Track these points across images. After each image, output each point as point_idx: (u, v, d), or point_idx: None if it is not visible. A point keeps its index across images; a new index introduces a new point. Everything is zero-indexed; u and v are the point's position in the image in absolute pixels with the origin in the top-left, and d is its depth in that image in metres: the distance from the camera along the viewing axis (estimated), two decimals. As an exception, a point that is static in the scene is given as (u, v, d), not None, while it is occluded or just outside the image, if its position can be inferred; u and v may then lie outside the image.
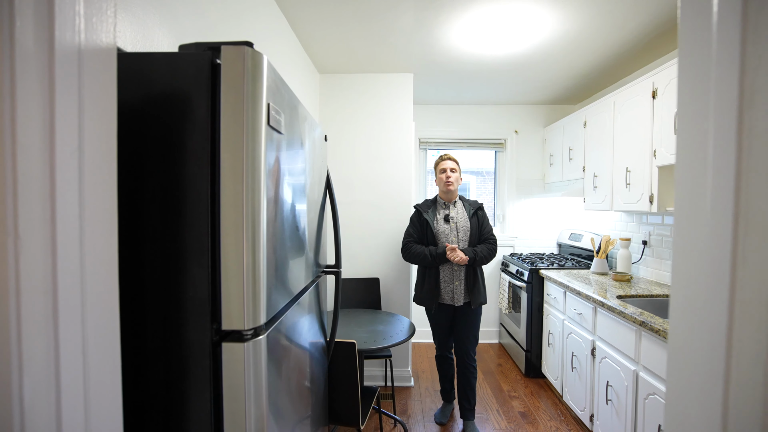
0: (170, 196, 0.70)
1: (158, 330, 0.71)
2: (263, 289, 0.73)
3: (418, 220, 2.40)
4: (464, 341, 2.37)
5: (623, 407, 1.91)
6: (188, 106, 0.70)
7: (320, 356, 1.41)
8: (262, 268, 0.72)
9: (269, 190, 0.76)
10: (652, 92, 2.16)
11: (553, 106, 3.85)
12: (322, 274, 1.45)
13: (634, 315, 1.80)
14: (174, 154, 0.70)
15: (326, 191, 1.48)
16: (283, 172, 0.86)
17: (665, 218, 2.48)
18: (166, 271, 0.70)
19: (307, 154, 1.14)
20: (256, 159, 0.70)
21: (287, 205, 0.92)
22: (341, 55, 2.68)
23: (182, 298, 0.70)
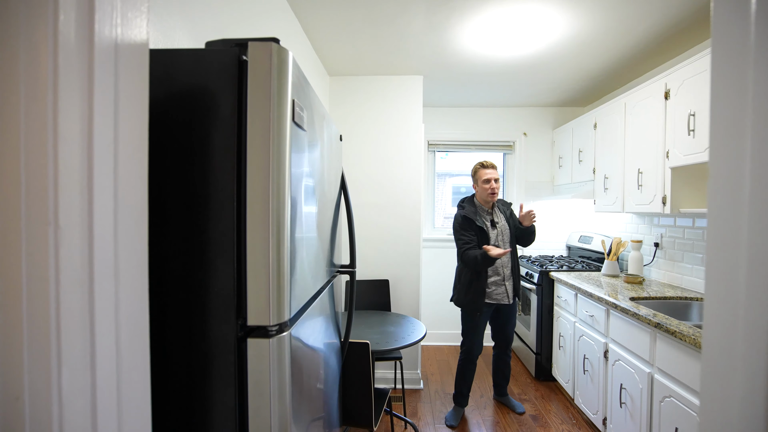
0: (196, 191, 0.71)
1: (184, 324, 0.71)
2: (287, 285, 0.73)
3: (471, 227, 2.40)
4: (510, 335, 2.61)
5: (638, 410, 1.89)
6: (214, 101, 0.70)
7: (335, 356, 1.40)
8: (286, 264, 0.72)
9: (293, 187, 0.76)
10: (665, 93, 2.14)
11: (561, 108, 3.84)
12: (337, 273, 1.45)
13: (648, 317, 1.78)
14: (200, 149, 0.71)
15: (341, 191, 1.48)
16: (305, 169, 0.87)
17: (678, 220, 2.46)
18: (192, 266, 0.71)
19: (325, 153, 1.14)
20: (282, 155, 0.71)
21: (308, 203, 0.92)
22: (351, 58, 2.70)
23: (208, 293, 0.71)
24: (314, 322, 1.02)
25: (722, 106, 0.55)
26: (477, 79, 3.05)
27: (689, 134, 1.96)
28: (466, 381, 2.54)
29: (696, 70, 1.93)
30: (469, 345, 2.51)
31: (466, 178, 4.14)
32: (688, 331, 1.58)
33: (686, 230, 2.39)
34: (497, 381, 2.73)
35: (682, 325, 1.66)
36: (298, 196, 0.82)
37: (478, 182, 2.48)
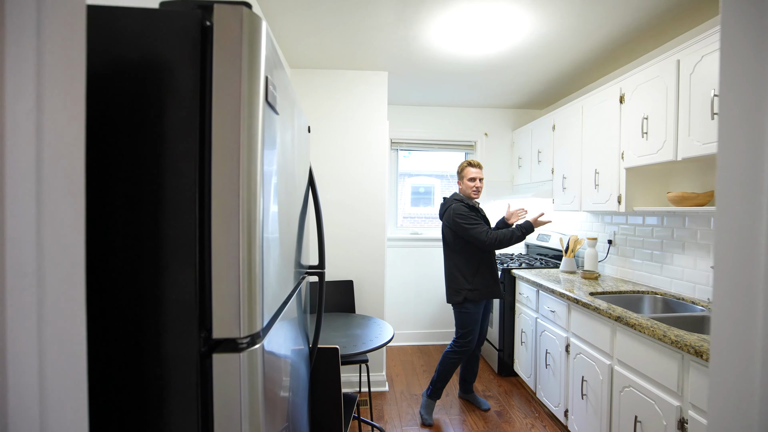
0: (150, 180, 0.59)
1: (133, 341, 0.59)
2: (260, 291, 0.63)
3: (479, 215, 2.48)
4: (486, 330, 2.66)
5: (599, 401, 1.95)
6: (171, 73, 0.59)
7: (304, 364, 1.30)
8: (258, 267, 0.62)
9: (264, 178, 0.67)
10: (620, 97, 2.25)
11: (520, 110, 3.95)
12: (306, 275, 1.34)
13: (609, 311, 1.84)
14: (154, 131, 0.59)
15: (309, 186, 1.38)
16: (277, 159, 0.77)
17: (629, 218, 2.60)
18: (143, 270, 0.59)
19: (296, 144, 1.04)
20: (254, 140, 0.61)
21: (279, 197, 0.82)
22: (315, 50, 2.58)
23: (162, 302, 0.59)
24: (285, 329, 0.92)
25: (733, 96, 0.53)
26: (442, 78, 3.04)
27: (643, 136, 2.06)
28: (451, 374, 2.52)
29: (649, 76, 2.03)
30: (471, 340, 2.47)
31: (425, 179, 4.15)
32: (646, 323, 1.65)
33: (637, 228, 2.53)
34: (466, 378, 2.72)
35: (641, 317, 1.73)
36: (269, 189, 0.72)
37: (464, 179, 2.53)
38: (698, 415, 1.40)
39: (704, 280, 2.04)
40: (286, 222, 0.96)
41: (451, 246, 2.52)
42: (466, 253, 2.46)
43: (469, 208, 2.45)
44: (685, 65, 1.82)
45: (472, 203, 2.50)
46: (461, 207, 2.44)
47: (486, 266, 2.47)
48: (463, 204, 2.45)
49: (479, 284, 2.44)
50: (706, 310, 1.89)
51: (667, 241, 2.28)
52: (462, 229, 2.39)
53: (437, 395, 2.54)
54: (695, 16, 2.00)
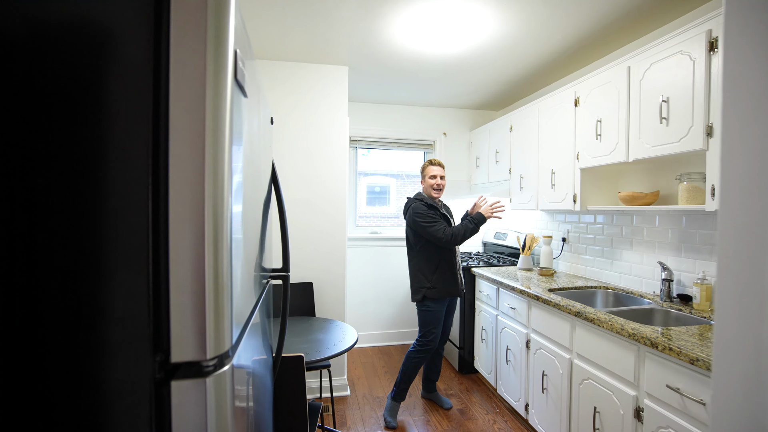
0: (87, 170, 0.47)
1: (67, 369, 0.47)
2: (228, 302, 0.54)
3: (437, 214, 2.46)
4: (449, 328, 2.66)
5: (558, 394, 2.02)
6: (115, 38, 0.48)
7: (269, 374, 1.20)
8: (226, 273, 0.53)
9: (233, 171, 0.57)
10: (575, 100, 2.34)
11: (478, 111, 4.04)
12: (270, 279, 1.24)
13: (570, 306, 1.91)
14: (93, 109, 0.48)
15: (272, 182, 1.28)
16: (244, 149, 0.67)
17: (582, 216, 2.72)
18: (79, 281, 0.47)
19: (261, 135, 0.94)
20: (221, 124, 0.51)
21: (245, 194, 0.72)
22: (272, 41, 2.44)
23: (105, 320, 0.48)
24: (253, 342, 0.82)
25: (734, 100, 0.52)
26: (403, 76, 3.01)
27: (597, 138, 2.16)
28: (414, 375, 2.49)
29: (602, 81, 2.13)
30: (433, 338, 2.46)
31: (381, 178, 4.11)
32: (604, 317, 1.72)
33: (589, 226, 2.66)
34: (429, 377, 2.71)
35: (599, 312, 1.80)
36: (237, 184, 0.63)
37: (426, 178, 2.55)
38: (653, 403, 1.48)
39: (650, 275, 2.18)
40: (251, 222, 0.86)
41: (412, 245, 2.52)
42: (427, 252, 2.47)
43: (428, 206, 2.46)
44: (635, 72, 1.92)
45: (433, 202, 2.50)
46: (420, 206, 2.46)
47: (446, 265, 2.47)
48: (423, 203, 2.47)
49: (437, 282, 2.44)
50: (653, 303, 2.02)
51: (616, 238, 2.42)
52: (420, 227, 2.41)
53: (401, 397, 2.50)
54: (645, 24, 2.13)
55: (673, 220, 2.06)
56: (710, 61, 1.58)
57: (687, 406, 1.34)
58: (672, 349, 1.37)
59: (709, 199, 1.58)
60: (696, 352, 1.31)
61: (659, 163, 2.08)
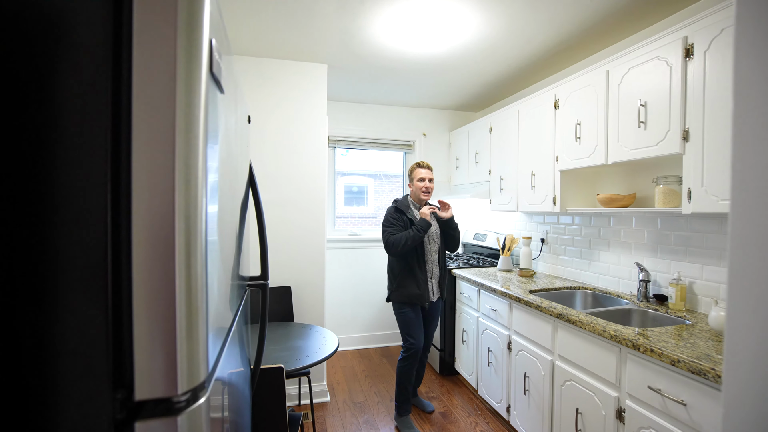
0: (31, 172, 0.40)
1: (3, 413, 0.40)
2: (204, 325, 0.47)
3: (401, 219, 2.39)
4: (431, 335, 2.57)
5: (540, 395, 2.02)
6: (61, 20, 0.40)
7: (247, 388, 1.12)
8: (201, 292, 0.46)
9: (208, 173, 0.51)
10: (555, 103, 2.36)
11: (457, 112, 4.04)
12: (248, 288, 1.16)
13: (551, 308, 1.91)
14: (38, 100, 0.40)
15: (249, 185, 1.20)
16: (220, 149, 0.60)
17: (560, 218, 2.76)
18: (20, 306, 0.40)
19: (237, 134, 0.87)
20: (193, 123, 0.45)
21: (221, 198, 0.65)
22: (251, 36, 2.33)
23: (54, 354, 0.41)
24: (231, 357, 0.75)
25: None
26: (383, 75, 2.96)
27: (576, 141, 2.18)
28: (409, 383, 2.40)
29: (581, 84, 2.15)
30: (414, 341, 2.37)
31: (359, 178, 4.06)
32: (586, 319, 1.73)
33: (567, 227, 2.69)
34: (415, 387, 2.66)
35: (580, 314, 1.82)
36: (212, 188, 0.56)
37: (414, 180, 2.47)
38: (635, 404, 1.49)
39: (627, 275, 2.22)
40: (228, 227, 0.79)
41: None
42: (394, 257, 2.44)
43: (398, 212, 2.41)
44: (614, 76, 1.95)
45: (409, 208, 2.44)
46: (390, 209, 2.44)
47: (408, 269, 2.37)
48: (394, 208, 2.44)
49: (399, 285, 2.38)
50: (631, 303, 2.05)
51: (594, 239, 2.46)
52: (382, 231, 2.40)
53: (406, 410, 2.42)
54: (624, 29, 2.16)
55: (649, 222, 2.10)
56: (686, 67, 1.62)
57: (668, 406, 1.36)
58: (654, 351, 1.39)
59: (686, 201, 1.62)
60: (677, 354, 1.32)
61: (636, 166, 2.12)
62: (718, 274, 1.77)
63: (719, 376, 1.19)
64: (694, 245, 1.87)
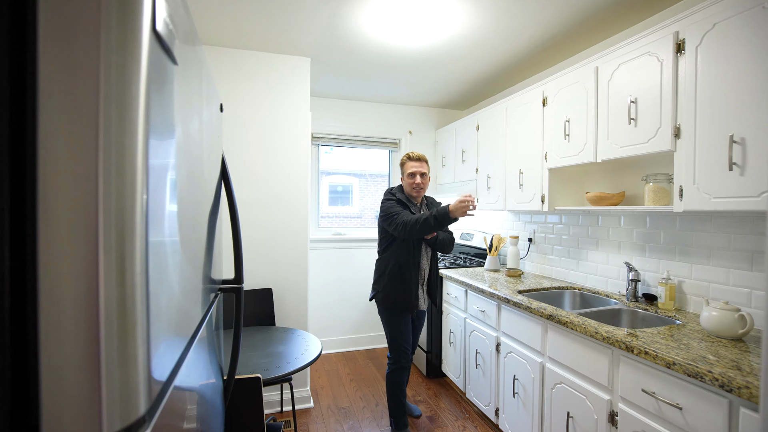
0: None
1: None
2: (143, 346, 0.38)
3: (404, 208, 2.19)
4: (417, 340, 2.41)
5: (530, 398, 1.97)
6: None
7: (219, 400, 1.02)
8: (139, 306, 0.37)
9: (151, 159, 0.41)
10: (543, 100, 2.32)
11: (444, 110, 3.99)
12: (220, 292, 1.06)
13: (541, 309, 1.86)
14: None
15: (222, 180, 1.10)
16: (176, 132, 0.51)
17: (548, 217, 2.73)
18: None
19: (204, 120, 0.77)
20: (127, 92, 0.36)
21: (180, 192, 0.56)
22: (229, 26, 2.22)
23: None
24: (194, 373, 0.65)
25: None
26: (368, 70, 2.88)
27: (565, 138, 2.14)
28: (403, 394, 2.26)
29: (570, 81, 2.11)
30: (401, 353, 2.22)
31: (344, 177, 3.96)
32: (577, 320, 1.68)
33: (555, 226, 2.66)
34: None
35: (571, 315, 1.77)
36: (161, 179, 0.47)
37: (404, 175, 2.26)
38: (628, 408, 1.45)
39: (615, 274, 2.20)
40: (192, 227, 0.69)
41: (378, 243, 2.34)
42: (387, 253, 2.24)
43: (397, 201, 2.20)
44: (603, 72, 1.91)
45: (408, 201, 2.23)
46: (391, 198, 2.22)
47: (397, 271, 2.17)
48: (393, 198, 2.22)
49: (386, 288, 2.19)
50: (620, 303, 2.02)
51: (582, 238, 2.43)
52: (382, 219, 2.18)
53: (403, 423, 2.27)
54: (613, 25, 2.13)
55: (637, 220, 2.08)
56: (677, 62, 1.58)
57: (663, 410, 1.32)
58: (648, 353, 1.34)
59: (677, 199, 1.58)
60: (672, 356, 1.28)
61: (625, 164, 2.09)
62: (707, 272, 1.75)
63: (716, 379, 1.14)
64: (683, 244, 1.85)
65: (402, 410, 2.27)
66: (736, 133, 1.37)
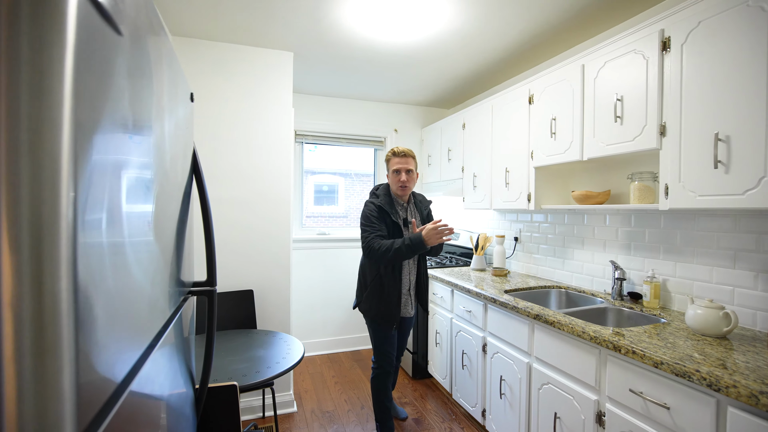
0: None
1: None
2: (70, 364, 0.32)
3: (383, 221, 2.05)
4: (405, 344, 2.37)
5: (517, 399, 1.94)
6: None
7: (189, 410, 0.95)
8: (64, 318, 0.31)
9: (83, 140, 0.35)
10: (529, 98, 2.30)
11: (430, 108, 3.95)
12: (189, 295, 0.99)
13: (528, 309, 1.84)
14: None
15: (192, 174, 1.03)
16: (126, 118, 0.45)
17: (534, 216, 2.72)
18: None
19: (168, 109, 0.70)
20: (47, 61, 0.29)
21: (137, 189, 0.49)
22: (207, 17, 2.13)
23: None
24: (152, 382, 0.58)
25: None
26: (353, 66, 2.82)
27: (551, 137, 2.13)
28: (388, 399, 2.19)
29: (556, 79, 2.10)
30: (386, 360, 2.14)
31: (329, 177, 3.89)
32: (564, 320, 1.66)
33: (541, 225, 2.65)
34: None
35: (558, 314, 1.75)
36: (102, 171, 0.40)
37: (389, 172, 2.15)
38: (615, 408, 1.43)
39: (600, 273, 2.19)
40: (151, 226, 0.62)
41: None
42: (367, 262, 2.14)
43: (378, 209, 2.07)
44: (589, 70, 1.90)
45: (390, 206, 2.09)
46: (371, 205, 2.09)
47: (376, 286, 2.07)
48: (377, 201, 2.10)
49: (367, 299, 2.11)
50: (605, 302, 2.02)
51: (568, 237, 2.42)
52: (361, 238, 2.06)
53: (389, 428, 2.21)
54: (599, 23, 2.12)
55: (622, 219, 2.08)
56: (663, 60, 1.58)
57: (650, 410, 1.30)
58: (636, 353, 1.32)
59: (663, 197, 1.58)
60: (659, 355, 1.26)
61: (610, 163, 2.09)
62: (690, 270, 1.75)
63: (704, 378, 1.13)
64: (668, 242, 1.85)
65: (387, 415, 2.21)
66: (721, 131, 1.37)
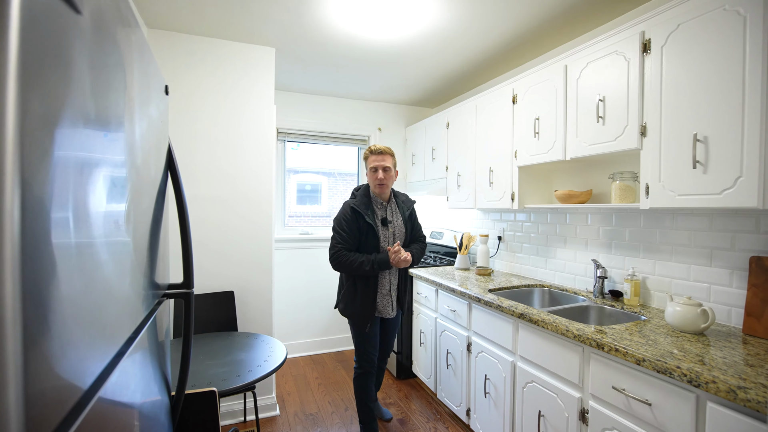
0: None
1: None
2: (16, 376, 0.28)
3: (356, 224, 2.04)
4: (390, 345, 2.35)
5: (501, 398, 1.95)
6: None
7: (165, 418, 0.90)
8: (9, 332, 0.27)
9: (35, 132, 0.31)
10: (513, 97, 2.31)
11: (413, 107, 3.94)
12: (165, 298, 0.94)
13: (512, 308, 1.84)
14: None
15: (168, 171, 0.97)
16: (81, 101, 0.41)
17: (517, 215, 2.74)
18: None
19: (139, 100, 0.66)
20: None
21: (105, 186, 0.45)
22: (185, 10, 2.05)
23: None
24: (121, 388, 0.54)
25: None
26: (336, 63, 2.78)
27: (535, 136, 2.14)
28: (370, 399, 2.16)
29: (540, 79, 2.11)
30: (368, 360, 2.13)
31: (312, 176, 3.84)
32: (548, 319, 1.67)
33: (524, 224, 2.67)
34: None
35: (542, 313, 1.76)
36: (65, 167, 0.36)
37: (368, 170, 2.12)
38: (598, 405, 1.44)
39: (583, 272, 2.22)
40: (119, 226, 0.58)
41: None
42: None
43: (355, 213, 2.04)
44: (572, 70, 1.92)
45: (365, 209, 2.05)
46: (346, 207, 2.08)
47: (351, 285, 2.10)
48: (352, 202, 2.08)
49: (346, 298, 2.12)
50: (588, 300, 2.04)
51: (550, 236, 2.44)
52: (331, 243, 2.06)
53: (371, 430, 2.17)
54: (582, 24, 2.15)
55: (604, 218, 2.11)
56: (644, 61, 1.60)
57: (632, 407, 1.32)
58: (618, 350, 1.34)
59: (643, 197, 1.60)
60: (641, 352, 1.28)
61: (593, 162, 2.12)
62: (669, 268, 1.79)
63: (685, 374, 1.15)
64: (647, 241, 1.88)
65: (371, 416, 2.18)
66: (699, 131, 1.39)
